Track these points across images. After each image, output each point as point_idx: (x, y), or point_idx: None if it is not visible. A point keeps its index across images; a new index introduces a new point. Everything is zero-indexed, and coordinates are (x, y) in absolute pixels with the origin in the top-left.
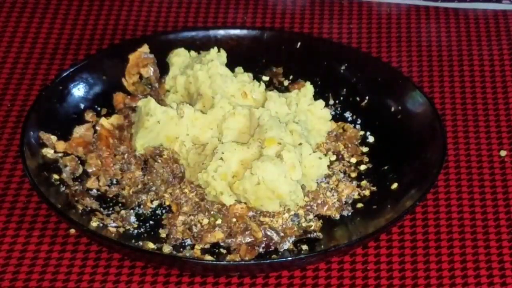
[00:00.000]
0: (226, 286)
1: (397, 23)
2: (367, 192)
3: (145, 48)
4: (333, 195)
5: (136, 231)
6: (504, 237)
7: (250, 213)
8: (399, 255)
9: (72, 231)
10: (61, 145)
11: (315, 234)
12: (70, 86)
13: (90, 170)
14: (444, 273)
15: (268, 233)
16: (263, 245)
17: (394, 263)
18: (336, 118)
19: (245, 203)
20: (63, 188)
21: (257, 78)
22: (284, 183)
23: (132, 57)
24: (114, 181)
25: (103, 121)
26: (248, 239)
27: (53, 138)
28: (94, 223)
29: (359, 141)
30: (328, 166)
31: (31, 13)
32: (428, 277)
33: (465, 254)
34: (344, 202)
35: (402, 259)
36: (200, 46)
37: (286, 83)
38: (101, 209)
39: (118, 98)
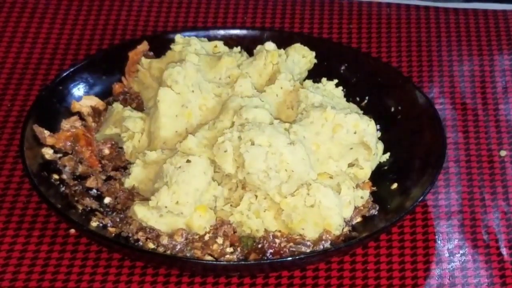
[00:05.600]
0: (226, 286)
1: (397, 23)
2: (367, 192)
3: (144, 46)
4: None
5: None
6: (504, 237)
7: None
8: (399, 255)
9: (72, 231)
10: (51, 139)
11: None
12: (70, 86)
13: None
14: (444, 273)
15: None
16: (272, 251)
17: (394, 263)
18: None
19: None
20: (63, 188)
21: None
22: (337, 215)
23: (132, 54)
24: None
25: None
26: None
27: (46, 132)
28: (94, 223)
29: None
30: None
31: (31, 13)
32: (428, 277)
33: (465, 254)
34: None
35: (402, 259)
36: None
37: None
38: (101, 209)
39: (116, 87)
